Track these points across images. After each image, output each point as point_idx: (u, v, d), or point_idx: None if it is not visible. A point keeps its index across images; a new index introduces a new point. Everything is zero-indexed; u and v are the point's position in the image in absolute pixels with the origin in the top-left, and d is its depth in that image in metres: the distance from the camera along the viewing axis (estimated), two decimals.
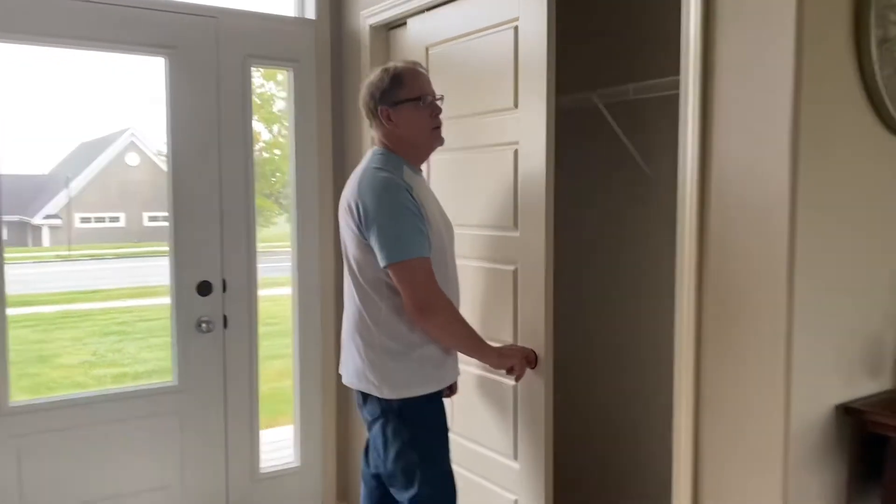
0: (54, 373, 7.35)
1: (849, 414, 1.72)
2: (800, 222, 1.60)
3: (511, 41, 2.20)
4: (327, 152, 3.22)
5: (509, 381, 2.25)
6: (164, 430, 2.94)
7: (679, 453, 1.84)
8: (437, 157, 2.47)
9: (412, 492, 2.01)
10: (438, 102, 2.10)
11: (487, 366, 2.23)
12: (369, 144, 3.03)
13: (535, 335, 2.16)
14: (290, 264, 3.27)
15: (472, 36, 2.39)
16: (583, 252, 3.02)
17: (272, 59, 3.11)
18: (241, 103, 3.03)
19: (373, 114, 2.08)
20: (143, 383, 2.94)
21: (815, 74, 1.61)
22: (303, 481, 3.29)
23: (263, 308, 3.17)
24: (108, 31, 2.76)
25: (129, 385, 2.94)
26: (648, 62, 2.59)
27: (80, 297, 10.03)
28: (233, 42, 3.00)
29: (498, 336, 2.29)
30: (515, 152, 2.22)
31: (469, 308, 2.39)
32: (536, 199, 2.13)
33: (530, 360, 2.15)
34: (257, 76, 2.89)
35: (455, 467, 2.45)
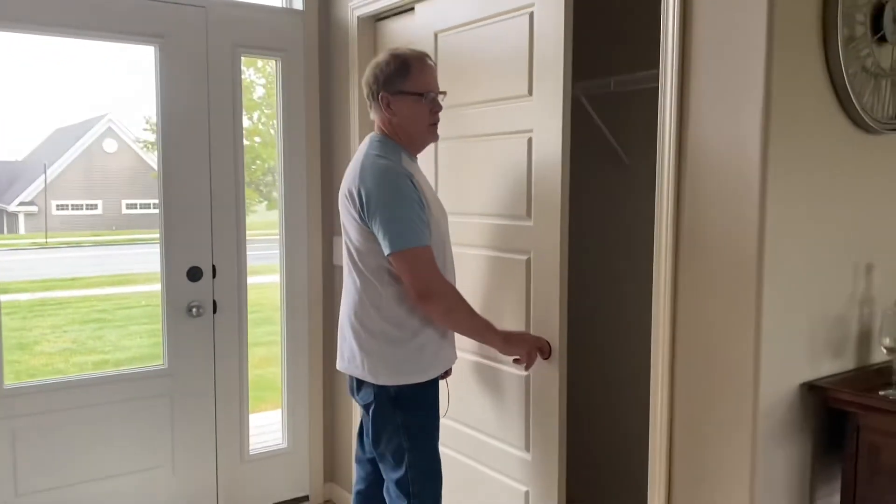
0: (34, 360, 7.32)
1: (813, 391, 1.84)
2: (769, 210, 1.71)
3: (526, 27, 2.18)
4: (315, 141, 3.28)
5: (521, 372, 2.25)
6: (155, 413, 3.00)
7: (655, 428, 1.94)
8: (444, 145, 2.52)
9: (399, 473, 2.06)
10: (440, 99, 2.09)
11: (498, 354, 2.21)
12: (357, 133, 3.10)
13: (549, 325, 2.16)
14: (271, 252, 3.34)
15: (484, 22, 2.35)
16: (582, 241, 3.10)
17: (261, 48, 3.16)
18: (231, 91, 3.08)
19: (373, 96, 2.07)
20: (135, 367, 3.00)
21: (785, 72, 1.71)
22: (291, 462, 3.36)
23: (249, 295, 3.23)
24: (98, 19, 2.80)
25: (122, 368, 2.99)
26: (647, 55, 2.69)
27: (59, 285, 9.98)
28: (222, 31, 3.05)
29: (508, 326, 2.28)
30: (529, 140, 2.20)
31: (478, 297, 2.41)
32: (551, 187, 2.12)
33: (543, 350, 2.13)
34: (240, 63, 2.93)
35: (463, 458, 2.50)
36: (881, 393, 1.78)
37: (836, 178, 1.88)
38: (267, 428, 3.74)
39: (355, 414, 3.20)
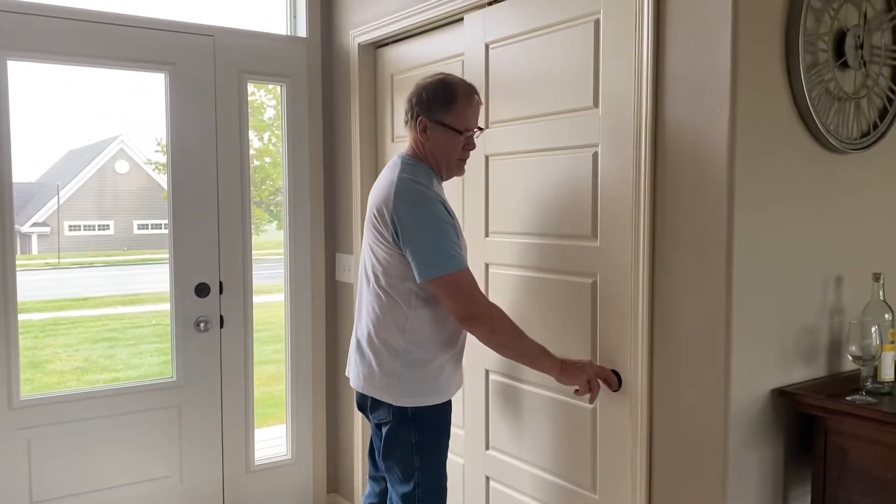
0: (47, 378, 7.46)
1: (784, 397, 1.94)
2: (737, 225, 1.82)
3: (591, 35, 2.13)
4: (318, 162, 3.42)
5: (584, 405, 2.19)
6: (164, 424, 3.12)
7: (636, 431, 2.04)
8: (495, 163, 2.51)
9: (407, 489, 2.06)
10: (476, 136, 2.10)
11: (559, 384, 2.13)
12: (358, 154, 3.24)
13: (620, 353, 2.07)
14: (279, 272, 3.47)
15: (542, 31, 2.30)
16: None
17: (266, 74, 3.31)
18: (237, 116, 3.23)
19: (412, 116, 2.07)
20: (145, 380, 3.12)
21: (751, 96, 1.83)
22: (295, 474, 3.47)
23: (255, 314, 3.35)
24: (112, 49, 2.96)
25: (131, 381, 3.12)
26: None
27: (71, 305, 10.14)
28: (228, 59, 3.20)
29: (571, 355, 2.19)
30: (595, 155, 2.13)
31: (531, 322, 2.33)
32: (621, 204, 2.04)
33: (608, 381, 2.03)
34: (248, 85, 3.06)
35: (518, 495, 2.47)
36: (848, 398, 1.88)
37: (804, 195, 1.99)
38: (273, 441, 3.85)
39: (358, 427, 3.31)
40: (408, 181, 1.98)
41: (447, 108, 2.02)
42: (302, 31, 3.42)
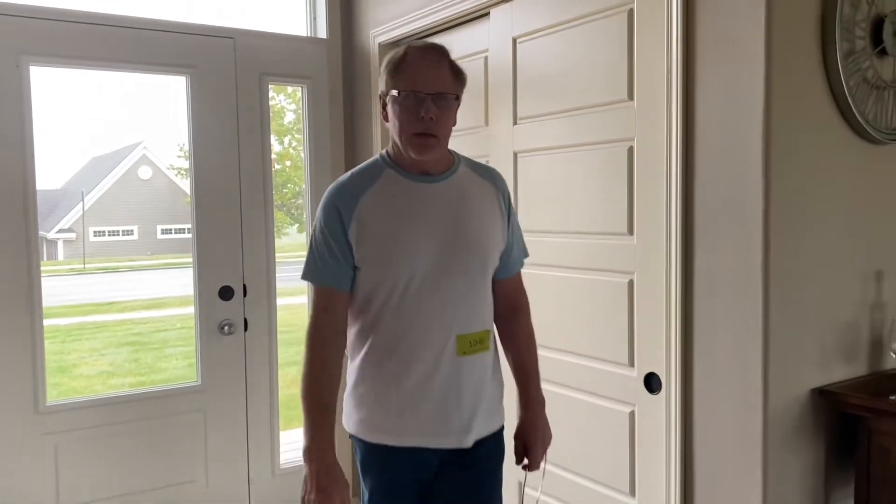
0: (74, 382, 7.55)
1: (824, 397, 1.87)
2: (773, 220, 1.76)
3: (624, 26, 2.08)
4: (340, 166, 3.40)
5: (623, 408, 2.15)
6: (189, 428, 3.11)
7: (670, 435, 1.99)
8: (525, 159, 2.44)
9: None
10: (434, 102, 1.61)
11: (595, 387, 2.16)
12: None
13: (655, 354, 2.02)
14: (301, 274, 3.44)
15: (572, 23, 2.24)
16: None
17: (287, 76, 3.29)
18: (259, 118, 3.21)
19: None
20: (170, 384, 3.11)
21: (786, 87, 1.77)
22: None
23: (279, 316, 3.33)
24: (134, 53, 2.95)
25: (157, 386, 3.11)
26: None
27: (96, 310, 10.27)
28: (249, 61, 3.18)
29: (607, 356, 2.18)
30: (630, 149, 2.07)
31: (567, 322, 2.29)
32: (657, 200, 1.99)
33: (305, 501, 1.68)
34: (269, 90, 3.04)
35: (553, 501, 2.40)
36: (892, 397, 1.81)
37: (842, 188, 1.92)
38: (299, 443, 3.82)
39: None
40: (333, 185, 1.73)
41: (395, 73, 1.63)
42: (322, 32, 3.40)
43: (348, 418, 1.77)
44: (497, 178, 1.82)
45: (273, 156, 3.31)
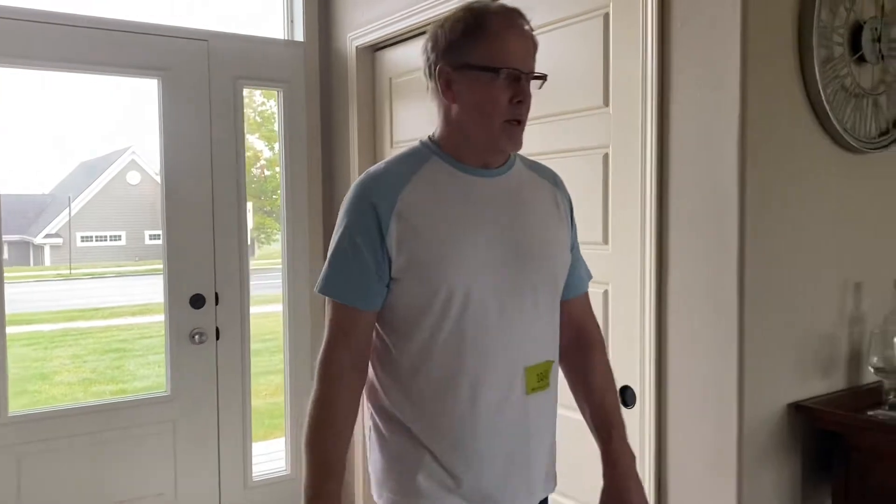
0: (54, 390, 7.44)
1: (800, 412, 1.82)
2: (749, 229, 1.71)
3: (600, 30, 2.02)
4: (316, 170, 3.34)
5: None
6: (158, 439, 3.03)
7: (644, 449, 1.93)
8: None
9: None
10: (529, 82, 1.35)
11: (561, 402, 1.90)
12: (356, 162, 3.14)
13: (630, 366, 1.95)
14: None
15: (549, 27, 2.17)
16: None
17: (262, 80, 3.24)
18: (233, 123, 3.15)
19: (429, 72, 1.38)
20: (138, 394, 3.04)
21: (762, 94, 1.72)
22: (294, 489, 3.37)
23: (262, 324, 3.27)
24: (103, 54, 2.89)
25: (122, 396, 3.04)
26: None
27: (81, 316, 10.16)
28: (223, 64, 3.12)
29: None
30: (605, 157, 2.03)
31: None
32: (632, 209, 1.94)
33: None
34: (258, 95, 2.94)
35: None
36: (870, 413, 1.76)
37: (820, 197, 1.87)
38: (274, 455, 3.76)
39: (358, 440, 3.21)
40: (364, 176, 1.38)
41: (475, 41, 1.31)
42: (299, 35, 3.34)
43: (379, 489, 1.40)
44: (558, 180, 1.54)
45: (263, 162, 3.24)
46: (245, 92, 3.21)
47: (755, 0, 1.69)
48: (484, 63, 1.30)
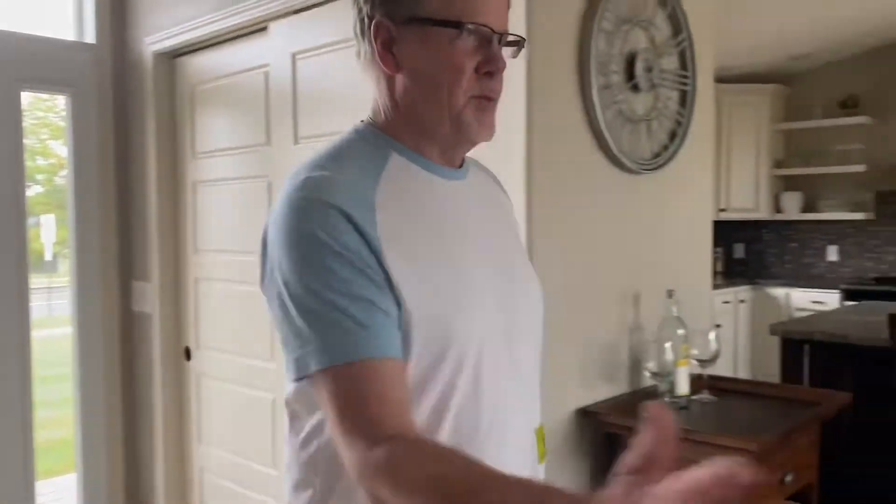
0: None
1: (587, 416, 1.93)
2: (538, 248, 1.79)
3: None
4: (109, 183, 3.09)
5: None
6: None
7: None
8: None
9: None
10: (490, 39, 0.96)
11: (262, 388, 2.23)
12: (154, 171, 2.96)
13: None
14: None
15: (348, 43, 2.39)
16: None
17: (45, 83, 2.97)
18: (12, 128, 2.85)
19: (362, 29, 1.00)
20: None
21: (546, 118, 1.81)
22: None
23: (49, 350, 2.96)
24: None
25: None
26: None
27: None
28: (1, 64, 2.82)
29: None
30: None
31: (250, 329, 2.46)
32: None
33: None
34: (62, 99, 2.65)
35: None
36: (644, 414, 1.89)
37: (601, 215, 2.01)
38: (63, 493, 3.43)
39: (159, 477, 3.00)
40: (295, 190, 0.92)
41: None
42: (90, 37, 3.10)
43: None
44: (498, 179, 1.21)
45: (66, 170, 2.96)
46: (47, 96, 2.92)
47: (539, 26, 1.78)
48: (441, 15, 0.92)
